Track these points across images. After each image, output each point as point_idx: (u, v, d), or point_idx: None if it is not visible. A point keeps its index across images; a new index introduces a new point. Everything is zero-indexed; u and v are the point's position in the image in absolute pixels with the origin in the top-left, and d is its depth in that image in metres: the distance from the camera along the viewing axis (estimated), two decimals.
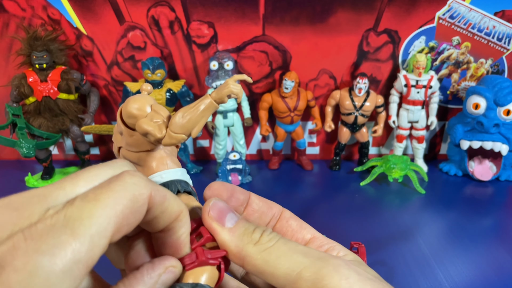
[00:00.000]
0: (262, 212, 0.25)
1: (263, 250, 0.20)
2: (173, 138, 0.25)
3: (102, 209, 0.16)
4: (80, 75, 0.82)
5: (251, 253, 0.20)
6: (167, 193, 0.20)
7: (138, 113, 0.24)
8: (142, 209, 0.18)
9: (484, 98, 0.80)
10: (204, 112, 0.25)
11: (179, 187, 0.27)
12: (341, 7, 0.81)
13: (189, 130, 0.25)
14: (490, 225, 0.69)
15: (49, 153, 0.84)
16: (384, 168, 0.82)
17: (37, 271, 0.14)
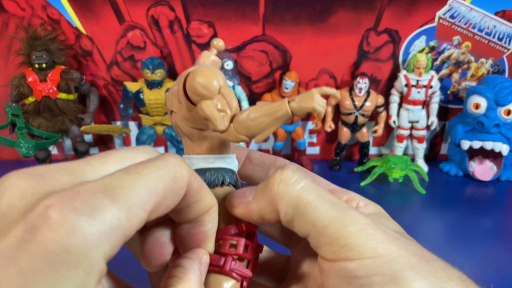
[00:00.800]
0: (263, 165, 0.24)
1: (292, 192, 0.19)
2: (233, 136, 0.22)
3: (144, 182, 0.15)
4: (79, 75, 0.82)
5: (280, 200, 0.19)
6: (204, 185, 0.19)
7: (204, 92, 0.21)
8: (181, 192, 0.17)
9: (484, 98, 0.80)
10: (277, 120, 0.22)
11: (225, 177, 0.24)
12: (341, 7, 0.81)
13: (253, 134, 0.22)
14: (490, 225, 0.69)
15: (48, 153, 0.84)
16: (384, 168, 0.82)
17: (75, 231, 0.13)
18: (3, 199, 0.14)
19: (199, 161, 0.24)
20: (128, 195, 0.15)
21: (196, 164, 0.24)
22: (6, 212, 0.14)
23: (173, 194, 0.17)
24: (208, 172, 0.23)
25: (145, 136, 0.85)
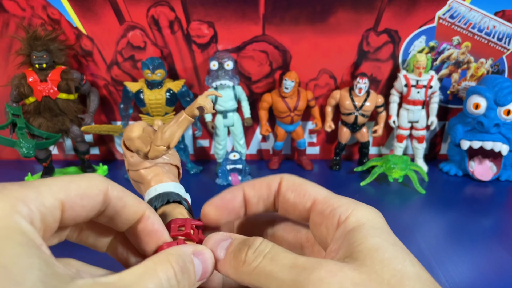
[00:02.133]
0: (260, 197, 0.26)
1: (252, 271, 0.21)
2: (155, 151, 0.31)
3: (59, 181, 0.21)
4: (80, 75, 0.82)
5: (243, 278, 0.22)
6: (127, 192, 0.23)
7: (133, 135, 0.33)
8: (98, 197, 0.21)
9: (484, 98, 0.80)
10: (180, 125, 0.31)
11: (169, 197, 0.32)
12: (341, 7, 0.81)
13: (168, 142, 0.31)
14: (490, 225, 0.69)
15: (49, 153, 0.84)
16: (384, 168, 0.82)
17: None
18: None
19: (151, 191, 0.33)
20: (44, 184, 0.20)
21: (150, 194, 0.33)
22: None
23: (89, 197, 0.21)
24: (156, 196, 0.32)
25: None
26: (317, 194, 0.25)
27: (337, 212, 0.24)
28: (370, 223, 0.23)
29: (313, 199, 0.25)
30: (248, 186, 0.27)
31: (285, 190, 0.26)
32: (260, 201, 0.27)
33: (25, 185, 0.20)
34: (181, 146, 0.87)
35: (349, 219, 0.23)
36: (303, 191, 0.26)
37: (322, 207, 0.25)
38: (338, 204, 0.24)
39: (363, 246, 0.21)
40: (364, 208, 0.24)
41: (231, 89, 0.83)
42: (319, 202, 0.25)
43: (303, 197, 0.25)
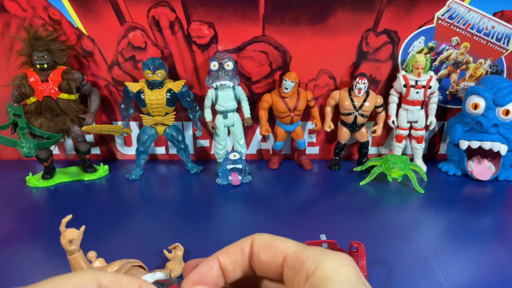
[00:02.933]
0: (235, 263, 0.27)
1: None
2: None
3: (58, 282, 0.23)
4: (81, 75, 0.82)
5: None
6: (120, 275, 0.25)
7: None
8: (91, 286, 0.23)
9: (483, 98, 0.81)
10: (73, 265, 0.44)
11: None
12: (340, 8, 0.81)
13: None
14: (489, 225, 0.70)
15: (50, 153, 0.85)
16: (383, 168, 0.82)
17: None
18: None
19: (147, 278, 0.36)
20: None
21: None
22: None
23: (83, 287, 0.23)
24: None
25: (146, 136, 0.85)
26: (287, 249, 0.26)
27: (305, 266, 0.24)
28: (334, 277, 0.23)
29: (284, 255, 0.26)
30: (222, 254, 0.27)
31: (257, 250, 0.27)
32: (236, 267, 0.27)
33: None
34: (182, 146, 0.87)
35: (315, 273, 0.23)
36: (273, 249, 0.26)
37: (292, 262, 0.25)
38: (307, 257, 0.24)
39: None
40: (331, 259, 0.24)
41: (231, 89, 0.83)
42: (289, 257, 0.25)
43: (274, 255, 0.26)
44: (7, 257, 0.60)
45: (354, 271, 0.24)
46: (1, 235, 0.65)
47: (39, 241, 0.64)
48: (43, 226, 0.68)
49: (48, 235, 0.65)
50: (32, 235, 0.65)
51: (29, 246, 0.62)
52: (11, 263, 0.58)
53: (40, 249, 0.62)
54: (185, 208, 0.74)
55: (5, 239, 0.64)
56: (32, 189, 0.82)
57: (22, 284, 0.53)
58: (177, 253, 0.58)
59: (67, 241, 0.43)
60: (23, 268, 0.57)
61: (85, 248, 0.60)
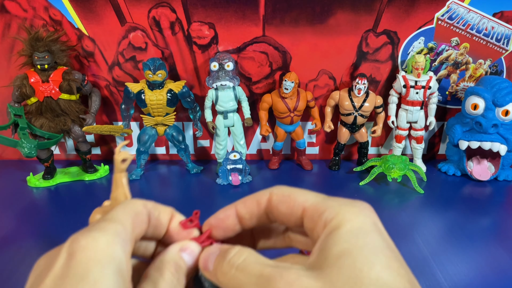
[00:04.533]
0: (251, 213, 0.29)
1: (228, 281, 0.25)
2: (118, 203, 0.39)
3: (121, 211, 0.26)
4: (81, 76, 0.82)
5: (224, 277, 0.25)
6: (156, 203, 0.29)
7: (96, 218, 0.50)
8: (144, 211, 0.27)
9: (482, 98, 0.81)
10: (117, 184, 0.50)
11: None
12: (340, 8, 0.82)
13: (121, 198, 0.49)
14: (488, 225, 0.70)
15: (50, 153, 0.85)
16: (383, 168, 0.82)
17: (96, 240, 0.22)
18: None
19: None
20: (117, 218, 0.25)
21: None
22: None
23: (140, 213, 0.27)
24: None
25: (147, 136, 0.85)
26: (305, 201, 0.26)
27: (323, 217, 0.24)
28: (347, 226, 0.23)
29: (303, 207, 0.26)
30: (239, 204, 0.29)
31: (276, 203, 0.27)
32: (252, 217, 0.29)
33: (112, 220, 0.25)
34: (182, 146, 0.88)
35: (331, 222, 0.24)
36: (292, 202, 0.27)
37: (311, 214, 0.26)
38: (325, 208, 0.25)
39: (330, 253, 0.23)
40: (348, 209, 0.24)
41: (232, 89, 0.84)
42: (308, 209, 0.26)
43: (292, 208, 0.27)
44: (7, 257, 0.60)
45: (369, 220, 0.24)
46: (1, 235, 0.66)
47: (39, 241, 0.64)
48: (43, 226, 0.68)
49: (49, 235, 0.65)
50: (33, 235, 0.66)
51: (29, 246, 0.63)
52: (11, 263, 0.58)
53: (40, 249, 0.62)
54: (185, 208, 0.74)
55: (5, 239, 0.65)
56: (33, 189, 0.83)
57: (22, 284, 0.54)
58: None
59: (121, 159, 0.47)
60: (23, 268, 0.57)
61: None
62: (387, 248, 0.24)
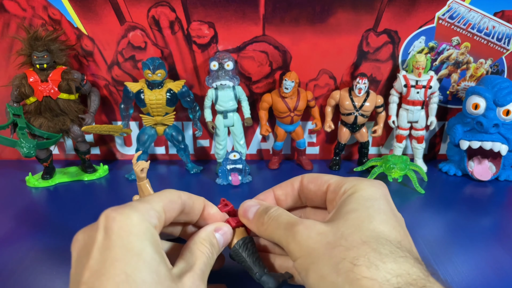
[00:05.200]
0: (287, 194, 0.35)
1: (265, 228, 0.31)
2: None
3: (157, 197, 0.32)
4: (80, 75, 0.82)
5: (262, 234, 0.32)
6: (191, 194, 0.35)
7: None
8: (179, 199, 0.33)
9: (483, 98, 0.81)
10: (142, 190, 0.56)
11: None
12: (341, 8, 0.81)
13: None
14: (489, 225, 0.70)
15: (49, 153, 0.84)
16: (383, 168, 0.82)
17: (130, 216, 0.27)
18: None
19: None
20: (149, 200, 0.30)
21: None
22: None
23: (174, 201, 0.32)
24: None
25: (146, 136, 0.85)
26: (330, 179, 0.33)
27: (343, 188, 0.31)
28: (360, 193, 0.29)
29: (328, 183, 0.33)
30: (277, 188, 0.37)
31: (306, 183, 0.34)
32: (288, 198, 0.35)
33: (144, 201, 0.29)
34: (182, 146, 0.87)
35: (348, 191, 0.30)
36: (319, 180, 0.34)
37: (334, 187, 0.32)
38: (345, 181, 0.31)
39: (343, 210, 0.28)
40: (365, 182, 0.30)
41: (231, 89, 0.83)
42: (332, 184, 0.32)
43: (320, 184, 0.33)
44: (6, 257, 0.59)
45: (380, 191, 0.30)
46: (0, 235, 0.65)
47: (39, 241, 0.64)
48: (43, 226, 0.68)
49: (48, 235, 0.65)
50: (32, 235, 0.65)
51: (29, 246, 0.62)
52: (11, 263, 0.58)
53: (40, 249, 0.61)
54: None
55: (5, 239, 0.64)
56: (32, 189, 0.82)
57: (22, 284, 0.53)
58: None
59: (140, 169, 0.55)
60: (23, 268, 0.57)
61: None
62: (389, 211, 0.28)
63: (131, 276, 0.23)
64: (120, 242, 0.25)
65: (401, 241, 0.25)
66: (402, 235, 0.26)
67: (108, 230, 0.25)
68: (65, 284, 0.54)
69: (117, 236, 0.25)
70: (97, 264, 0.24)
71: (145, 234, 0.26)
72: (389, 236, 0.25)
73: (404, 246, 0.25)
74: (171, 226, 0.35)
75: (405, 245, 0.25)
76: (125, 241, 0.25)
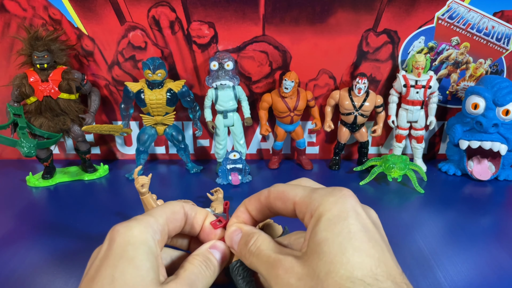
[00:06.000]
0: (256, 209, 0.34)
1: (249, 263, 0.31)
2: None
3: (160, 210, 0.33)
4: (81, 75, 0.82)
5: (247, 264, 0.32)
6: (194, 205, 0.36)
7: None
8: (181, 211, 0.34)
9: (483, 98, 0.81)
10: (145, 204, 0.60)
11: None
12: (340, 8, 0.81)
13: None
14: (489, 225, 0.70)
15: (50, 153, 0.85)
16: (383, 167, 0.82)
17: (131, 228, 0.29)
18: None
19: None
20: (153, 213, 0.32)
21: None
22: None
23: (177, 212, 0.33)
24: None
25: (146, 135, 0.85)
26: (295, 196, 0.30)
27: (309, 209, 0.29)
28: (327, 216, 0.27)
29: (293, 202, 0.30)
30: (248, 202, 0.34)
31: (273, 200, 0.32)
32: (258, 214, 0.34)
33: (148, 215, 0.31)
34: (182, 146, 0.87)
35: (315, 213, 0.28)
36: (285, 198, 0.31)
37: (300, 207, 0.30)
38: (310, 201, 0.29)
39: (314, 241, 0.27)
40: (328, 199, 0.28)
41: (231, 89, 0.83)
42: (297, 203, 0.30)
43: (286, 203, 0.31)
44: (7, 257, 0.60)
45: (346, 207, 0.28)
46: (1, 235, 0.65)
47: (39, 241, 0.64)
48: (43, 226, 0.68)
49: (48, 235, 0.65)
50: (32, 235, 0.65)
51: (29, 246, 0.62)
52: (11, 263, 0.58)
53: (40, 249, 0.62)
54: None
55: (5, 239, 0.64)
56: (32, 189, 0.83)
57: (22, 284, 0.53)
58: (219, 195, 0.70)
59: (140, 185, 0.56)
60: (23, 268, 0.57)
61: (85, 247, 0.60)
62: (361, 231, 0.26)
63: (117, 279, 0.26)
64: (117, 251, 0.27)
65: (376, 270, 0.24)
66: (377, 259, 0.25)
67: (111, 242, 0.28)
68: (65, 283, 0.54)
69: (117, 246, 0.28)
70: (94, 271, 0.27)
71: (142, 244, 0.28)
72: (363, 269, 0.24)
73: (379, 275, 0.24)
74: (179, 238, 0.37)
75: (380, 272, 0.24)
76: (122, 250, 0.27)
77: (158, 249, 0.30)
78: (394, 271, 0.25)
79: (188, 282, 0.29)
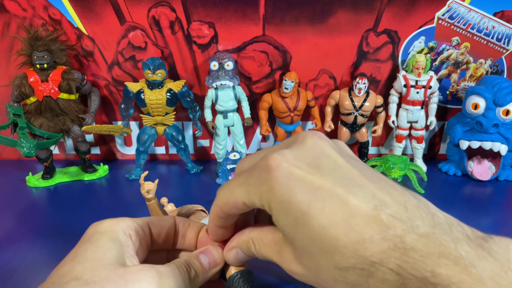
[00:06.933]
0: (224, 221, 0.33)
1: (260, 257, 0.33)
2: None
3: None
4: (81, 75, 0.82)
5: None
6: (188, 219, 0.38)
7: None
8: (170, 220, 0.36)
9: (483, 98, 0.81)
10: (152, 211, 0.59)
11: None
12: (341, 8, 0.81)
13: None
14: (489, 224, 0.70)
15: (50, 153, 0.85)
16: (383, 168, 0.82)
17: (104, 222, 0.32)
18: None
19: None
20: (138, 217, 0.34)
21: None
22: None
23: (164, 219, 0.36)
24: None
25: (146, 136, 0.85)
26: (238, 199, 0.31)
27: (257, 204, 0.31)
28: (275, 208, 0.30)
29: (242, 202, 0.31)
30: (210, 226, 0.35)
31: (228, 211, 0.32)
32: (225, 223, 0.34)
33: (130, 217, 0.33)
34: (182, 146, 0.87)
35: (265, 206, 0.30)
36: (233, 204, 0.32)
37: (252, 205, 0.32)
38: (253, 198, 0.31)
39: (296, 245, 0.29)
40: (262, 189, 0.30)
41: (231, 89, 0.83)
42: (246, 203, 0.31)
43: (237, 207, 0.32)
44: (7, 257, 0.59)
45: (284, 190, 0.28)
46: (1, 235, 0.65)
47: (39, 241, 0.64)
48: (43, 226, 0.68)
49: (48, 235, 0.65)
50: (32, 235, 0.65)
51: (29, 246, 0.62)
52: (11, 263, 0.58)
53: (40, 249, 0.62)
54: None
55: (5, 239, 0.64)
56: (32, 189, 0.82)
57: (22, 284, 0.53)
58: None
59: (146, 191, 0.56)
60: (23, 268, 0.57)
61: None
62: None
63: (78, 256, 0.28)
64: (85, 238, 0.30)
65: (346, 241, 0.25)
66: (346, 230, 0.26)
67: (85, 233, 0.31)
68: None
69: (86, 234, 0.31)
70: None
71: (110, 231, 0.30)
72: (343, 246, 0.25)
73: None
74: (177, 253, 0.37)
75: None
76: (89, 237, 0.30)
77: (128, 240, 0.31)
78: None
79: (153, 274, 0.28)
